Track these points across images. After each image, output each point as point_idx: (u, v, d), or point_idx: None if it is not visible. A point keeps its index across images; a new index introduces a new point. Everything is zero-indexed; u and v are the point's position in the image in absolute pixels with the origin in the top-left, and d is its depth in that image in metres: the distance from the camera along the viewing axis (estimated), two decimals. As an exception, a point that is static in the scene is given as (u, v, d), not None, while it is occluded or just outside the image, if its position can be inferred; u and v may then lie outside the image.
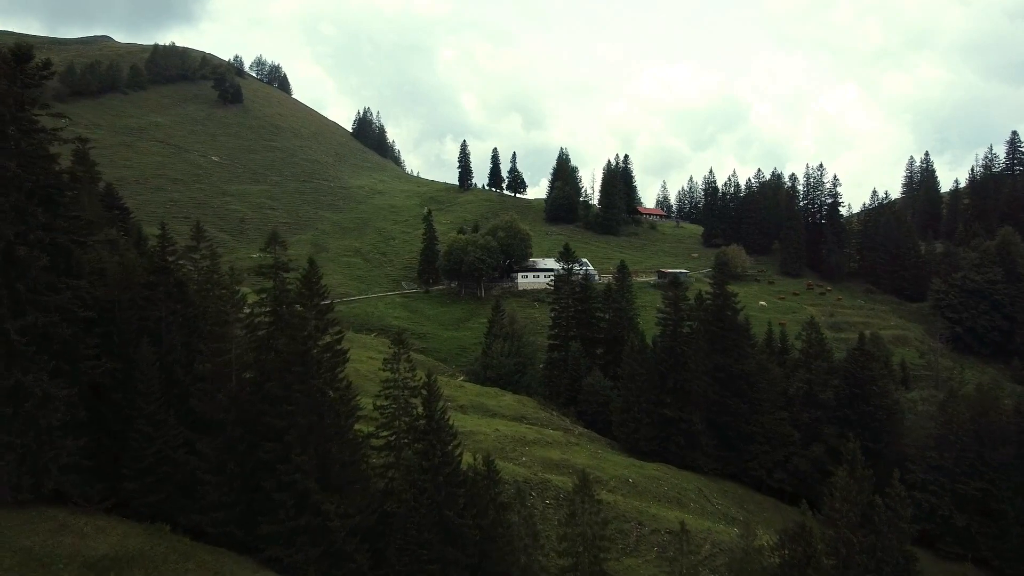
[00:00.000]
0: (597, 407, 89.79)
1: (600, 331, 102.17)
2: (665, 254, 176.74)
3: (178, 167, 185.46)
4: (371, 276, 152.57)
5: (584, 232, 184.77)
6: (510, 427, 75.58)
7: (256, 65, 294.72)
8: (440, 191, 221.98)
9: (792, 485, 79.90)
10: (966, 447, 74.25)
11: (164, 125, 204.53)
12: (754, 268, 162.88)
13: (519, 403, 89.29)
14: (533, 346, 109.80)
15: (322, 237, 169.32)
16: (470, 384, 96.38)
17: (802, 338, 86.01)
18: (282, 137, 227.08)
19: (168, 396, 41.27)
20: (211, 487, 38.88)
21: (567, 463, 69.18)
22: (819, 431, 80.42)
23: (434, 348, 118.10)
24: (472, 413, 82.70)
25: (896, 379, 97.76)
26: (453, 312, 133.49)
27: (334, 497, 39.70)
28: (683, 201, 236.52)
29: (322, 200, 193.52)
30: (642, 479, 70.27)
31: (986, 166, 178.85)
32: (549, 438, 74.95)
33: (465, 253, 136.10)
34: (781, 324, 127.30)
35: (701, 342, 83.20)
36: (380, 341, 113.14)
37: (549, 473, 66.28)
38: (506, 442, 70.20)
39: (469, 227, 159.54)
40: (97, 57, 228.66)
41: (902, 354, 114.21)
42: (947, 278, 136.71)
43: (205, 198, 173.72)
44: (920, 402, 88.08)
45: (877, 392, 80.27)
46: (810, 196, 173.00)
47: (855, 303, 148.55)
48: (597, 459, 72.82)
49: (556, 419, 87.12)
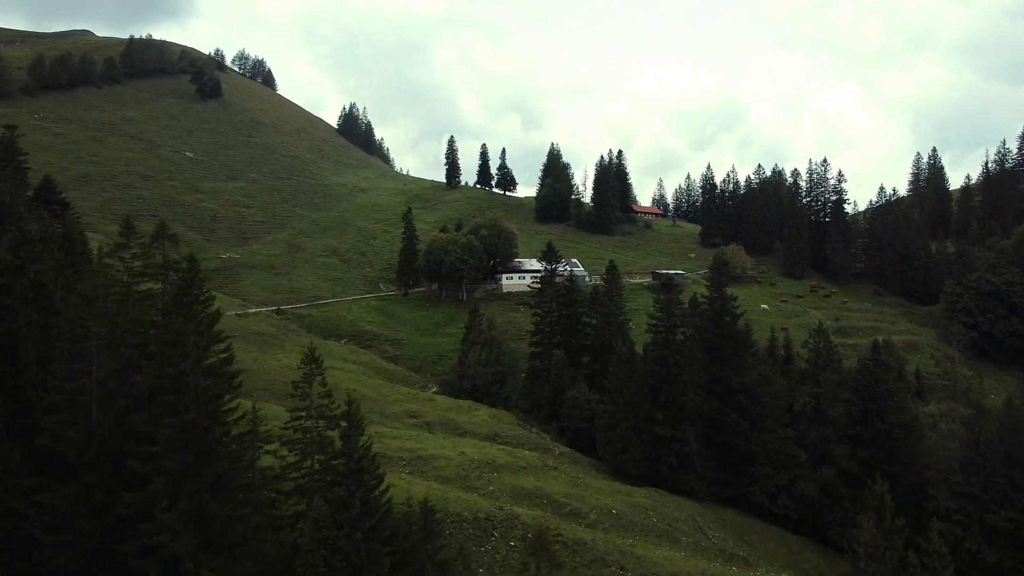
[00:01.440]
0: (581, 423, 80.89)
1: (587, 337, 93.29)
2: (661, 254, 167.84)
3: (149, 163, 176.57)
4: (347, 278, 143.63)
5: (576, 231, 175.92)
6: (479, 449, 66.66)
7: (239, 59, 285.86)
8: (427, 189, 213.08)
9: (798, 512, 71.13)
10: (995, 471, 65.36)
11: (137, 120, 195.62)
12: (755, 269, 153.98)
13: (494, 419, 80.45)
14: (515, 354, 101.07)
15: (298, 236, 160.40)
16: (442, 397, 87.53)
17: (809, 346, 77.08)
18: (262, 133, 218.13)
19: (14, 428, 32.44)
20: (52, 550, 30.01)
21: (541, 492, 60.30)
22: (829, 451, 71.63)
23: (408, 356, 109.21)
24: (439, 431, 73.88)
25: (911, 390, 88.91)
26: (432, 316, 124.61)
27: (219, 561, 30.82)
28: (680, 199, 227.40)
29: (301, 198, 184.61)
30: (628, 509, 61.35)
31: (999, 161, 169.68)
32: (523, 461, 66.02)
33: (445, 253, 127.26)
34: (784, 329, 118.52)
35: (696, 351, 74.44)
36: (349, 348, 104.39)
37: (519, 505, 57.36)
38: (471, 468, 61.28)
39: (452, 226, 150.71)
40: (73, 50, 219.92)
41: (916, 362, 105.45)
42: (961, 279, 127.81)
43: (176, 195, 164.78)
44: (940, 417, 79.22)
45: (893, 407, 71.38)
46: (813, 193, 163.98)
47: (862, 306, 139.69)
48: (577, 486, 63.92)
49: (535, 437, 78.24)
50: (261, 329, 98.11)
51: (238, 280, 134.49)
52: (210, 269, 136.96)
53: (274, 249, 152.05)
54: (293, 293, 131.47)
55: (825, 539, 70.47)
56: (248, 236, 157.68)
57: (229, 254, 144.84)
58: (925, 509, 67.95)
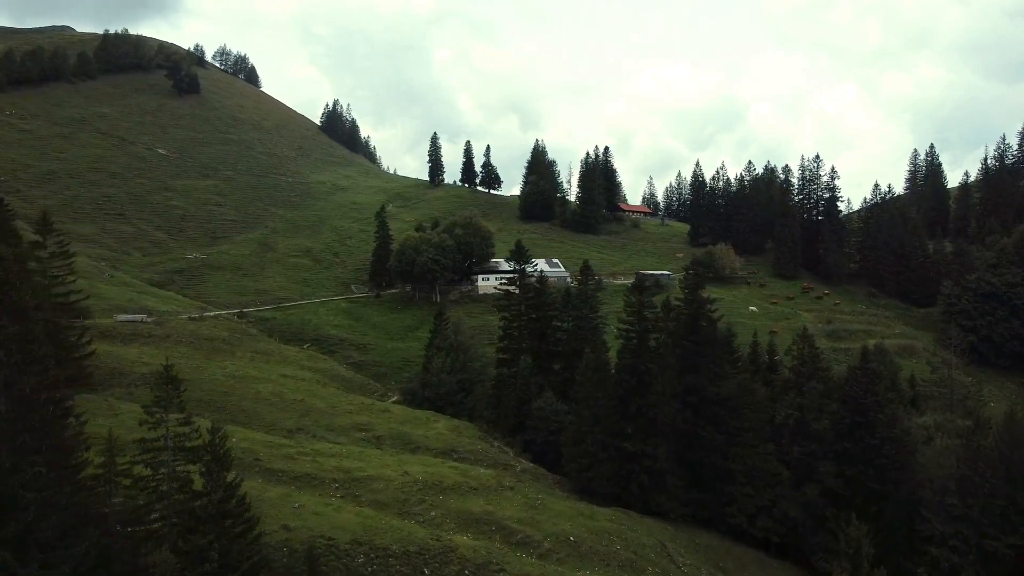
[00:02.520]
0: (548, 435, 74.94)
1: (558, 343, 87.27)
2: (648, 254, 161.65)
3: (119, 160, 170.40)
4: (319, 279, 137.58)
5: (560, 231, 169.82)
6: (427, 467, 60.59)
7: (220, 55, 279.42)
8: (409, 187, 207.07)
9: (779, 535, 65.28)
10: (995, 491, 59.50)
11: (109, 116, 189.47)
12: (744, 269, 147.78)
13: (454, 432, 74.36)
14: (485, 360, 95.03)
15: (271, 236, 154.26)
16: (400, 407, 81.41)
17: (792, 352, 70.97)
18: (240, 129, 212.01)
19: None
20: None
21: (490, 517, 54.26)
22: (813, 468, 65.60)
23: (373, 362, 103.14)
24: (389, 446, 67.81)
25: (905, 399, 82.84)
26: (403, 319, 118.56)
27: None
28: (671, 198, 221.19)
29: (277, 196, 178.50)
30: (588, 535, 55.29)
31: (998, 157, 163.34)
32: (476, 481, 59.97)
33: (418, 253, 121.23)
34: (773, 332, 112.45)
35: (669, 359, 68.46)
36: (308, 354, 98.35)
37: (464, 532, 51.38)
38: (413, 490, 55.22)
39: (428, 224, 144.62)
40: (47, 45, 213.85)
41: (910, 367, 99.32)
42: (959, 280, 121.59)
43: (144, 193, 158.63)
44: (936, 429, 73.08)
45: (883, 420, 65.41)
46: (806, 191, 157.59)
47: (856, 308, 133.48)
48: (533, 509, 57.84)
49: (496, 452, 72.18)
50: (212, 334, 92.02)
51: (202, 282, 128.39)
52: (173, 270, 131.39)
53: (244, 249, 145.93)
54: (259, 295, 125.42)
55: (809, 564, 64.53)
56: (218, 236, 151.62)
57: (195, 254, 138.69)
58: (918, 533, 62.11)
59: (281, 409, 71.22)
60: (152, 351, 79.81)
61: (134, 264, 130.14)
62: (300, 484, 53.02)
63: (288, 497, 49.29)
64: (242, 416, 68.03)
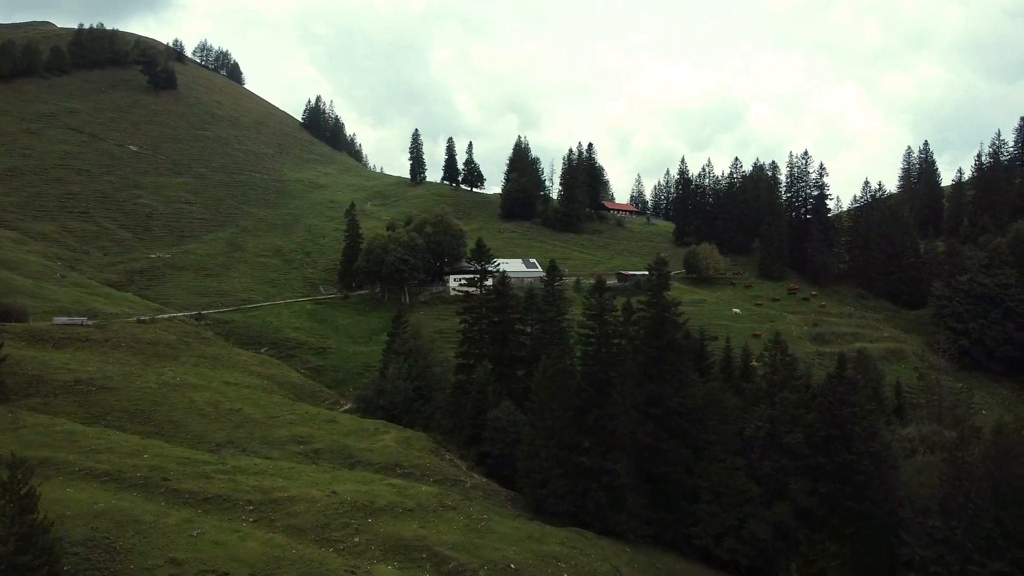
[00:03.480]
0: (504, 447, 69.84)
1: (521, 348, 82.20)
2: (631, 253, 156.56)
3: (88, 157, 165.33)
4: (287, 279, 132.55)
5: (541, 229, 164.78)
6: (362, 485, 55.41)
7: (200, 50, 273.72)
8: (390, 185, 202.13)
9: (748, 557, 60.15)
10: (980, 512, 54.29)
11: (81, 112, 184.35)
12: (730, 269, 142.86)
13: (402, 444, 69.20)
14: (447, 365, 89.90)
15: (241, 235, 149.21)
16: (348, 417, 76.33)
17: (764, 359, 65.92)
18: (217, 126, 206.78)
19: None
20: None
21: (423, 543, 48.99)
22: (785, 485, 60.47)
23: (332, 366, 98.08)
24: (326, 461, 62.70)
25: (889, 409, 77.86)
26: (369, 322, 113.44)
27: None
28: (659, 196, 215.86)
29: (251, 194, 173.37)
30: (533, 562, 50.10)
31: (993, 154, 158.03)
32: (414, 500, 54.76)
33: (386, 252, 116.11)
34: (756, 335, 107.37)
35: (631, 367, 63.30)
36: (261, 359, 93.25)
37: (388, 561, 46.22)
38: (338, 512, 49.99)
39: (402, 222, 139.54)
40: (20, 40, 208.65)
41: (897, 373, 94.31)
42: (951, 281, 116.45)
43: (111, 191, 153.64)
44: (919, 442, 68.00)
45: (861, 434, 60.19)
46: (794, 188, 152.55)
47: (844, 310, 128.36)
48: (475, 532, 52.67)
49: (446, 466, 67.07)
50: (158, 338, 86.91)
51: (163, 282, 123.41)
52: (134, 270, 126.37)
53: (211, 248, 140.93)
54: (222, 296, 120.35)
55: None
56: (186, 235, 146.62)
57: (159, 254, 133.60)
58: (898, 557, 57.06)
59: (213, 420, 66.12)
60: (85, 357, 74.80)
61: (93, 264, 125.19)
62: (209, 507, 47.83)
63: (189, 523, 44.14)
64: (168, 428, 62.93)
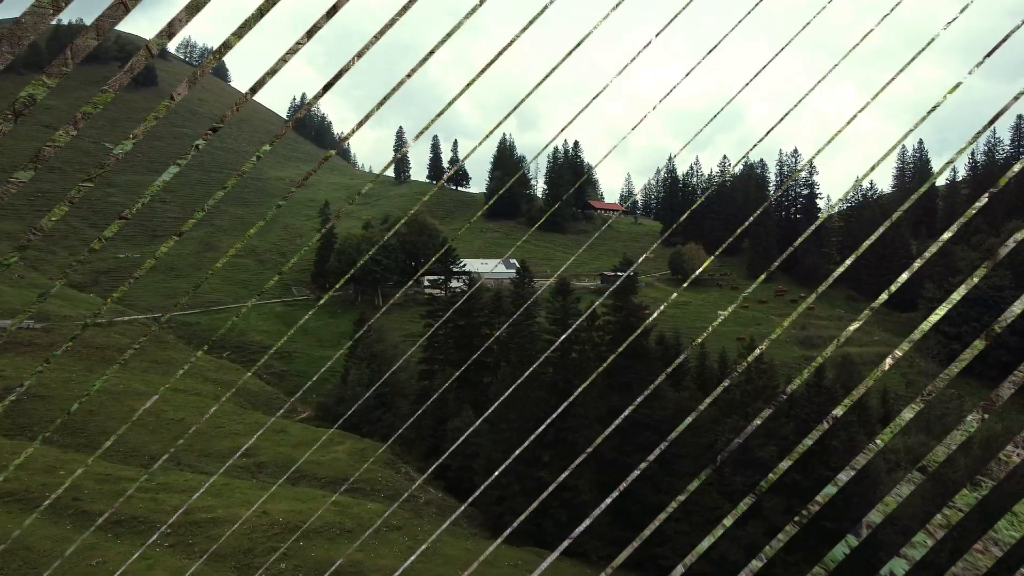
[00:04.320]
0: (464, 460, 65.82)
1: (489, 353, 78.19)
2: (616, 254, 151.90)
3: (61, 155, 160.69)
4: (259, 280, 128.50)
5: (526, 229, 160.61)
6: (299, 503, 51.43)
7: (184, 47, 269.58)
8: (374, 184, 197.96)
9: (719, 580, 55.95)
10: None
11: (55, 108, 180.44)
12: (717, 271, 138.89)
13: (356, 456, 65.24)
14: (413, 371, 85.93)
15: (215, 234, 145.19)
16: (301, 427, 72.38)
17: (735, 366, 61.76)
18: (197, 123, 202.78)
19: None
20: None
21: (357, 569, 44.98)
22: (758, 503, 56.44)
23: (297, 372, 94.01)
24: (268, 476, 58.69)
25: (875, 418, 73.70)
26: (339, 324, 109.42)
27: None
28: (649, 195, 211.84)
29: (229, 192, 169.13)
30: (480, 589, 46.26)
31: (988, 153, 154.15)
32: (354, 520, 50.74)
33: (358, 252, 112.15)
34: (740, 339, 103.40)
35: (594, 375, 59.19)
36: (219, 364, 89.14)
37: (316, 591, 42.29)
38: (265, 535, 46.00)
39: (379, 222, 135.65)
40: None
41: (884, 380, 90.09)
42: (942, 283, 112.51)
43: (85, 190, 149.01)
44: (904, 454, 64.03)
45: (840, 448, 56.35)
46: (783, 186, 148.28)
47: (833, 313, 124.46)
48: (419, 555, 48.69)
49: (400, 480, 63.08)
50: (108, 342, 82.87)
51: (129, 283, 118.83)
52: (100, 271, 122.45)
53: (183, 248, 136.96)
54: (189, 297, 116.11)
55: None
56: (158, 234, 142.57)
57: (127, 254, 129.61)
58: (877, 583, 53.21)
59: (152, 431, 62.19)
60: (21, 362, 70.86)
61: (58, 264, 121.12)
62: (121, 531, 43.84)
63: (92, 550, 40.17)
64: (101, 440, 58.84)
